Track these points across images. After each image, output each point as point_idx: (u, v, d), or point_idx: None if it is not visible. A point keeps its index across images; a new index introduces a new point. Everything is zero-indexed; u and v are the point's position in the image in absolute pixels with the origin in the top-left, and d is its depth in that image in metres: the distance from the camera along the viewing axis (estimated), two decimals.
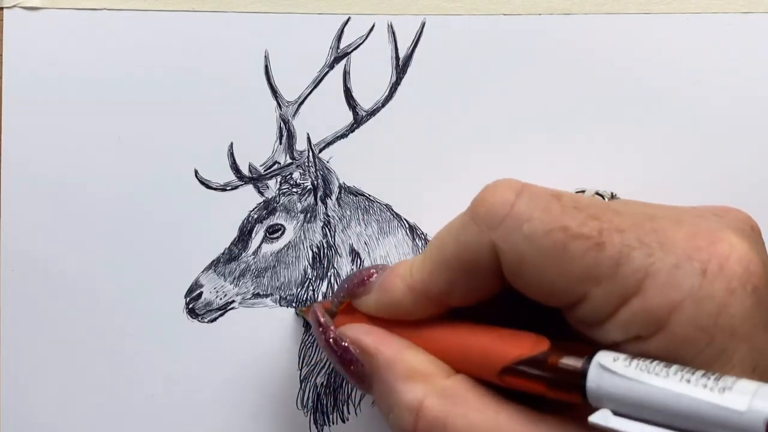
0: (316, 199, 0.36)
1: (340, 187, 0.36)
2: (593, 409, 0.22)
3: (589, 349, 0.23)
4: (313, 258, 0.35)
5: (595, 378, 0.22)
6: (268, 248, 0.35)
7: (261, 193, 0.36)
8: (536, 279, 0.24)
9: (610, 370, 0.22)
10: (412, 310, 0.27)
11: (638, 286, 0.22)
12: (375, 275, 0.29)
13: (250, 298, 0.35)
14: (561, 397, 0.23)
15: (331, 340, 0.28)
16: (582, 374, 0.22)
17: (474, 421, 0.24)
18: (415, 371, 0.26)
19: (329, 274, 0.35)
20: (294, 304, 0.35)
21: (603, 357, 0.22)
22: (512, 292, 0.26)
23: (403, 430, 0.26)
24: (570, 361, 0.23)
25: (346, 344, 0.28)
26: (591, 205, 0.24)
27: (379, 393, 0.27)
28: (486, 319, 0.27)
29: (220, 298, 0.35)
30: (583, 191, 0.26)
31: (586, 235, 0.23)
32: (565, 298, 0.24)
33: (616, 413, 0.22)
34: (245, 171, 0.35)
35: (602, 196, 0.26)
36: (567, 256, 0.23)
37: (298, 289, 0.35)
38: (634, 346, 0.23)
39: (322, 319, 0.29)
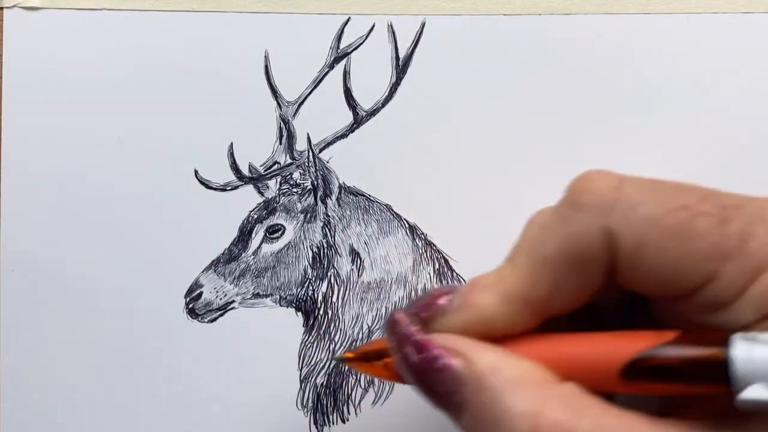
0: (316, 199, 0.36)
1: (340, 187, 0.36)
2: (725, 402, 0.21)
3: (720, 332, 0.22)
4: (313, 258, 0.35)
5: (743, 354, 0.21)
6: (268, 248, 0.35)
7: (261, 193, 0.36)
8: (659, 263, 0.22)
9: (761, 341, 0.21)
10: (509, 322, 0.24)
11: (767, 261, 0.21)
12: (449, 295, 0.25)
13: (250, 298, 0.35)
14: (698, 389, 0.22)
15: (418, 346, 0.24)
16: (723, 359, 0.21)
17: (604, 424, 0.22)
18: (524, 376, 0.23)
19: (329, 274, 0.35)
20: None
21: (742, 335, 0.21)
22: (588, 317, 0.24)
23: None
24: (707, 346, 0.21)
25: (437, 352, 0.23)
26: (695, 187, 0.23)
27: (480, 406, 0.23)
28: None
29: (220, 298, 0.35)
30: None
31: (708, 211, 0.22)
32: (691, 281, 0.22)
33: None
34: (245, 171, 0.35)
35: None
36: (692, 234, 0.22)
37: (298, 289, 0.35)
38: (765, 325, 0.21)
39: (405, 324, 0.24)
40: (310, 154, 0.36)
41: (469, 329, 0.24)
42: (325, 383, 0.35)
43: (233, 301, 0.35)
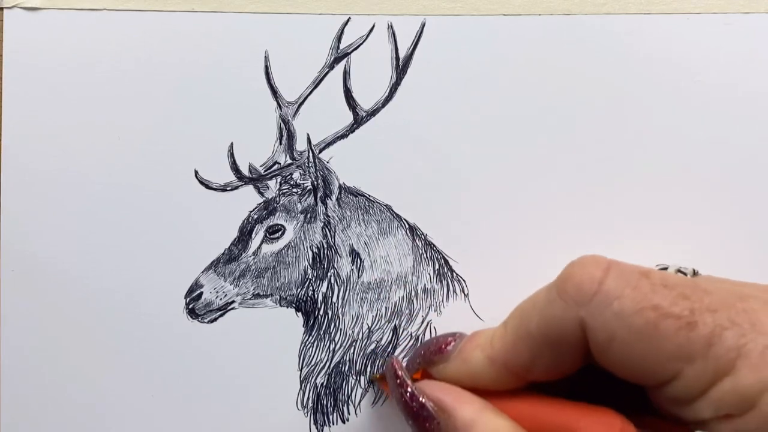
0: (316, 199, 0.36)
1: (340, 187, 0.36)
2: None
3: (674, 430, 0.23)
4: (313, 258, 0.35)
5: None
6: (268, 248, 0.35)
7: (261, 194, 0.36)
8: (626, 357, 0.24)
9: None
10: (492, 381, 0.27)
11: (731, 366, 0.22)
12: (452, 343, 0.29)
13: (250, 299, 0.35)
14: None
15: (408, 394, 0.28)
16: None
17: None
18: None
19: (329, 274, 0.35)
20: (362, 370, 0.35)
21: None
22: (592, 367, 0.26)
23: None
24: None
25: (424, 400, 0.27)
26: (680, 284, 0.24)
27: None
28: (564, 390, 0.27)
29: (220, 299, 0.35)
30: (666, 268, 0.27)
31: (677, 314, 0.23)
32: (656, 377, 0.24)
33: None
34: (245, 171, 0.35)
35: (684, 273, 0.27)
36: (658, 335, 0.23)
37: (298, 290, 0.35)
38: (724, 424, 0.23)
39: (400, 372, 0.29)
40: (310, 154, 0.36)
41: (461, 380, 0.28)
42: (325, 383, 0.35)
43: (233, 302, 0.35)
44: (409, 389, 0.28)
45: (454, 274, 0.35)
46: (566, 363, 0.26)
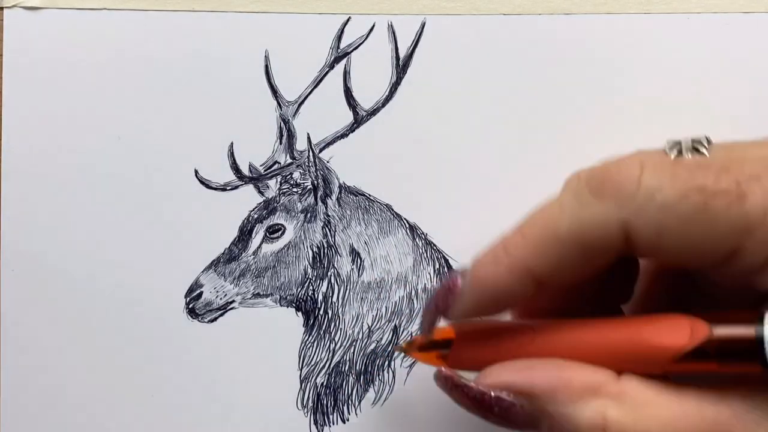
0: (316, 198, 0.36)
1: (340, 186, 0.36)
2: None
3: (747, 314, 0.22)
4: (314, 258, 0.35)
5: None
6: (269, 248, 0.35)
7: (261, 193, 0.36)
8: (680, 247, 0.23)
9: None
10: (515, 293, 0.25)
11: None
12: (459, 280, 0.26)
13: (250, 298, 0.35)
14: (737, 370, 0.23)
15: (476, 396, 0.25)
16: (759, 340, 0.22)
17: (665, 419, 0.23)
18: (582, 388, 0.24)
19: (329, 273, 0.35)
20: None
21: None
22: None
23: None
24: (741, 330, 0.22)
25: (496, 393, 0.25)
26: (715, 161, 0.23)
27: (551, 426, 0.25)
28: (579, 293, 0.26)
29: (221, 298, 0.35)
30: (679, 142, 0.26)
31: (724, 189, 0.22)
32: (714, 258, 0.23)
33: None
34: (245, 171, 0.35)
35: (700, 142, 0.25)
36: (710, 216, 0.22)
37: (299, 289, 0.35)
38: None
39: (455, 378, 0.26)
40: (311, 153, 0.36)
41: (481, 308, 0.26)
42: (325, 383, 0.35)
43: (233, 301, 0.35)
44: (475, 390, 0.26)
45: None
46: (596, 266, 0.25)
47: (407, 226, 0.35)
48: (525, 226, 0.26)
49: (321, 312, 0.35)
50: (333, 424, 0.35)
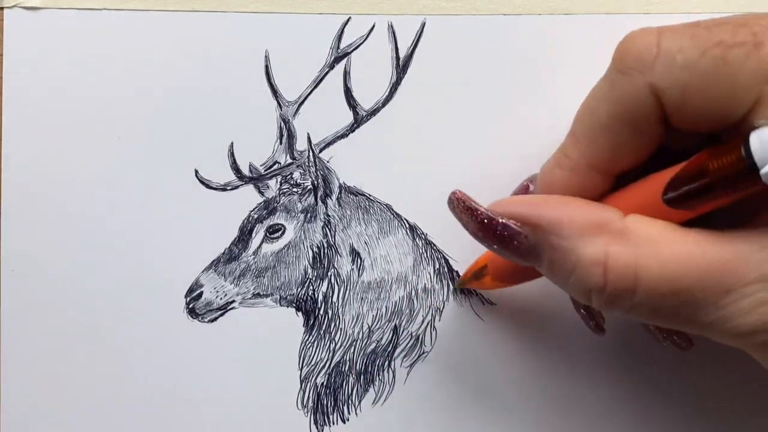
0: (316, 198, 0.36)
1: (340, 186, 0.36)
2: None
3: (739, 137, 0.23)
4: (314, 258, 0.35)
5: (758, 139, 0.22)
6: (269, 248, 0.35)
7: (261, 193, 0.36)
8: (704, 104, 0.24)
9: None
10: (584, 191, 0.26)
11: None
12: (530, 186, 0.29)
13: (250, 298, 0.35)
14: (735, 190, 0.23)
15: (485, 220, 0.26)
16: (743, 154, 0.22)
17: (666, 256, 0.24)
18: (587, 224, 0.25)
19: (329, 273, 0.35)
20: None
21: (758, 128, 0.22)
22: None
23: (591, 287, 0.25)
24: (728, 150, 0.23)
25: (504, 220, 0.26)
26: (731, 18, 0.24)
27: (553, 259, 0.25)
28: None
29: (221, 298, 0.35)
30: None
31: (741, 41, 0.23)
32: (739, 110, 0.23)
33: None
34: (245, 171, 0.35)
35: None
36: (730, 68, 0.23)
37: (299, 289, 0.35)
38: None
39: (467, 200, 0.27)
40: (311, 153, 0.36)
41: None
42: (325, 383, 0.35)
43: (233, 301, 0.35)
44: (484, 215, 0.27)
45: (454, 274, 0.35)
46: (647, 139, 0.25)
47: (407, 226, 0.35)
48: (574, 126, 0.27)
49: (321, 312, 0.35)
50: (333, 424, 0.35)
